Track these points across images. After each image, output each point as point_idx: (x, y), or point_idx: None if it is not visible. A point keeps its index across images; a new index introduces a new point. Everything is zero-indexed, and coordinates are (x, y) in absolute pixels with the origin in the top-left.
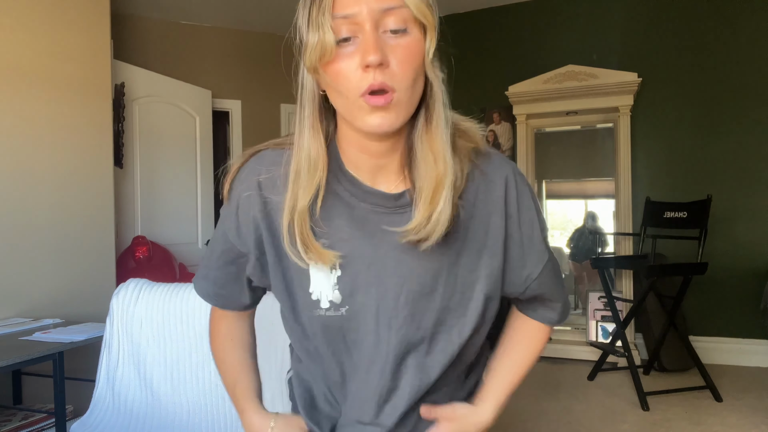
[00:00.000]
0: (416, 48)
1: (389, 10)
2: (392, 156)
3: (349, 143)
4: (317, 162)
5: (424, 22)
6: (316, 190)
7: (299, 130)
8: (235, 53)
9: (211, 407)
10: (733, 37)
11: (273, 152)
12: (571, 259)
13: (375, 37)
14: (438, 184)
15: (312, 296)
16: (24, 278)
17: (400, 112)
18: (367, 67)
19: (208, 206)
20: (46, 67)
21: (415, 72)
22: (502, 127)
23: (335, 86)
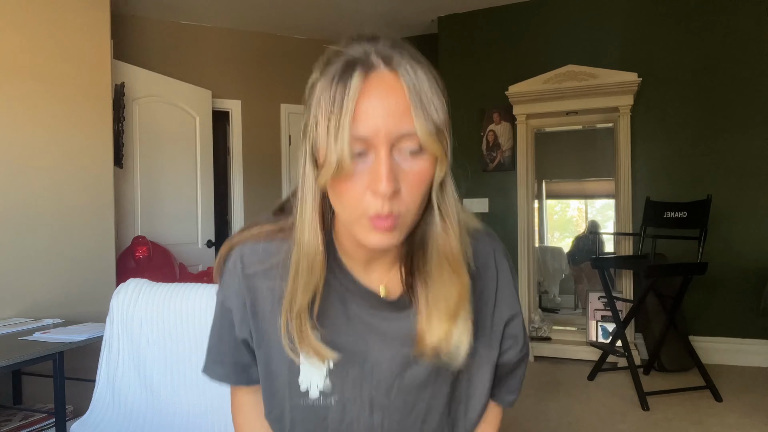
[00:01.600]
0: (427, 174)
1: (405, 136)
2: (387, 252)
3: (345, 237)
4: (315, 263)
5: (433, 153)
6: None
7: (300, 224)
8: (235, 53)
9: (211, 407)
10: (733, 37)
11: (265, 245)
12: (571, 263)
13: (389, 165)
14: (461, 297)
15: (301, 387)
16: (24, 278)
17: (402, 231)
18: (377, 193)
19: (208, 206)
20: (46, 67)
21: (423, 196)
22: (502, 127)
23: (341, 200)
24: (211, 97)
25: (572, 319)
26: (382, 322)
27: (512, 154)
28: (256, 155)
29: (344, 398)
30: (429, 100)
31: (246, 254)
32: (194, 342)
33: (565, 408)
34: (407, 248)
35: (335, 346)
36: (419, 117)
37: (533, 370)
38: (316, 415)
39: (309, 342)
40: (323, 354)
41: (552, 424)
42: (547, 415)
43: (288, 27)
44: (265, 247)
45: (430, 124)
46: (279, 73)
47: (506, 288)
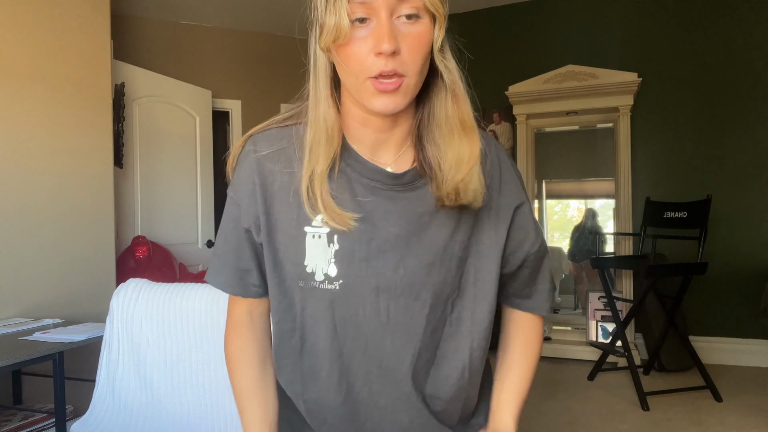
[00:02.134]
0: (426, 37)
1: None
2: (393, 131)
3: (351, 117)
4: (334, 130)
5: (434, 13)
6: (333, 158)
7: (315, 101)
8: (235, 53)
9: (211, 407)
10: (733, 37)
11: (277, 130)
12: (570, 260)
13: (389, 25)
14: (471, 155)
15: (307, 269)
16: (24, 278)
17: (407, 95)
18: (380, 54)
19: (208, 206)
20: (46, 67)
21: (423, 59)
22: (502, 127)
23: (346, 66)
24: (211, 97)
25: (572, 319)
26: (389, 201)
27: (512, 154)
28: None
29: (349, 282)
30: None
31: (259, 140)
32: (194, 342)
33: (565, 408)
34: (415, 123)
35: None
36: None
37: None
38: (323, 298)
39: (330, 206)
40: (345, 219)
41: (552, 424)
42: (547, 415)
43: (288, 27)
44: (277, 132)
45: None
46: (279, 73)
47: (510, 178)
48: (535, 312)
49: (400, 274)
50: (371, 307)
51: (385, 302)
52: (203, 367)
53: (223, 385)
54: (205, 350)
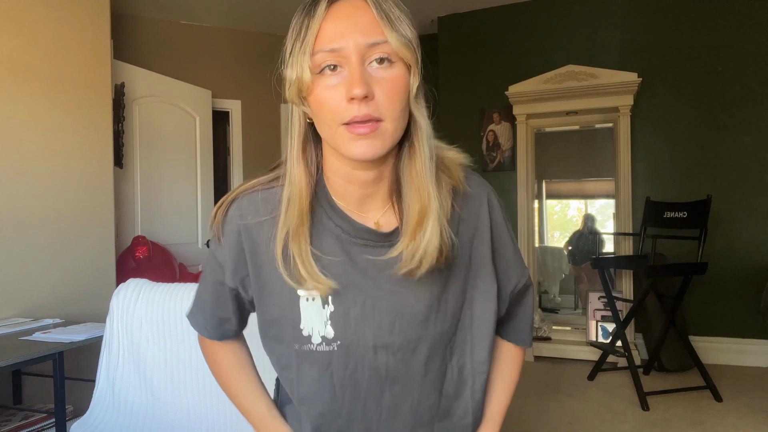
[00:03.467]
0: (401, 81)
1: (375, 45)
2: (378, 185)
3: (335, 173)
4: (302, 186)
5: (406, 61)
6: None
7: (290, 159)
8: (235, 53)
9: (211, 407)
10: (733, 37)
11: (263, 193)
12: (571, 263)
13: (361, 71)
14: (421, 216)
15: (303, 332)
16: (24, 278)
17: (386, 140)
18: (352, 99)
19: (208, 206)
20: (46, 67)
21: (400, 104)
22: (502, 127)
23: (319, 116)
24: (211, 97)
25: (572, 319)
26: (379, 259)
27: (512, 154)
28: (256, 155)
29: (346, 342)
30: (397, 17)
31: (244, 205)
32: (194, 342)
33: (565, 408)
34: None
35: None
36: (389, 27)
37: (533, 370)
38: (321, 360)
39: (310, 268)
40: (324, 284)
41: (552, 424)
42: (547, 415)
43: (288, 27)
44: (263, 196)
45: (400, 34)
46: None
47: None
48: (518, 343)
49: (396, 330)
50: (370, 365)
51: (383, 359)
52: (203, 367)
53: None
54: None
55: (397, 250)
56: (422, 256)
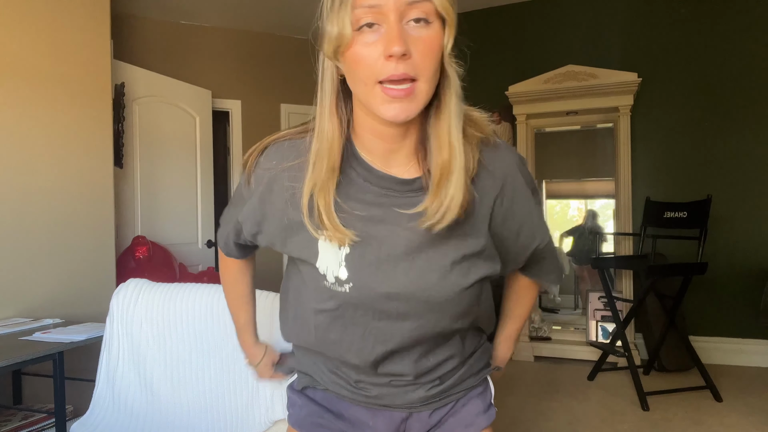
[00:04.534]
0: (437, 41)
1: (414, 3)
2: (404, 141)
3: (363, 128)
4: (333, 143)
5: (445, 17)
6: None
7: (320, 113)
8: (235, 53)
9: (211, 407)
10: (733, 37)
11: (292, 141)
12: (572, 262)
13: (399, 29)
14: (444, 170)
15: (319, 269)
16: (24, 278)
17: (419, 102)
18: (390, 57)
19: (208, 206)
20: (46, 67)
21: (435, 63)
22: (502, 127)
23: (355, 73)
24: (211, 97)
25: (572, 319)
26: (398, 207)
27: None
28: None
29: (359, 285)
30: None
31: (277, 151)
32: (194, 342)
33: (565, 408)
34: (422, 137)
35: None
36: None
37: (533, 370)
38: (333, 298)
39: (332, 220)
40: (344, 234)
41: (552, 424)
42: (547, 415)
43: (288, 27)
44: (290, 144)
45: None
46: (279, 73)
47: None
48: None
49: (411, 278)
50: (381, 309)
51: (395, 305)
52: (203, 367)
53: (223, 385)
54: (205, 350)
55: (423, 205)
56: (445, 212)
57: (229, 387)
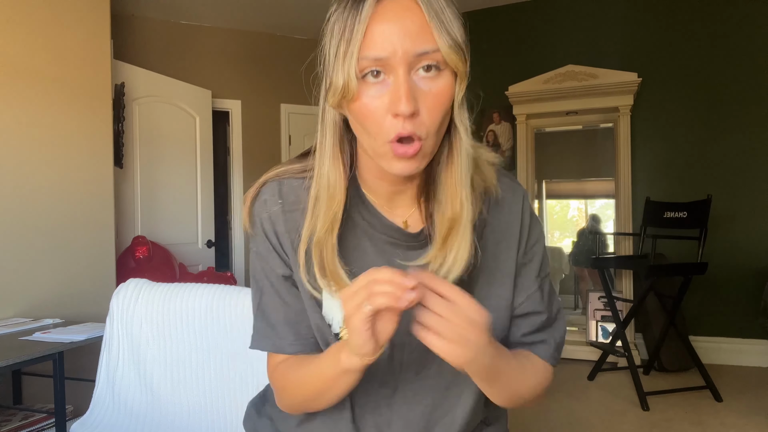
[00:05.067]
0: (447, 94)
1: (423, 55)
2: (409, 184)
3: (367, 170)
4: (335, 191)
5: (455, 70)
6: (334, 219)
7: (320, 156)
8: (235, 53)
9: (211, 407)
10: (733, 37)
11: (291, 181)
12: (573, 264)
13: (407, 86)
14: (452, 225)
15: (326, 319)
16: (24, 278)
17: (425, 157)
18: (397, 115)
19: (208, 206)
20: (46, 68)
21: (443, 118)
22: (502, 127)
23: (363, 126)
24: (211, 97)
25: (572, 319)
26: (403, 257)
27: (512, 154)
28: (256, 155)
29: None
30: (449, 19)
31: (275, 191)
32: (194, 342)
33: (565, 408)
34: (427, 179)
35: None
36: (441, 32)
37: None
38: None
39: (336, 272)
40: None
41: (552, 424)
42: (547, 415)
43: (288, 27)
44: (290, 183)
45: (451, 39)
46: (279, 73)
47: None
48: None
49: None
50: (386, 360)
51: (399, 356)
52: (203, 367)
53: (223, 385)
54: (205, 350)
55: (426, 258)
56: (450, 267)
57: (229, 387)
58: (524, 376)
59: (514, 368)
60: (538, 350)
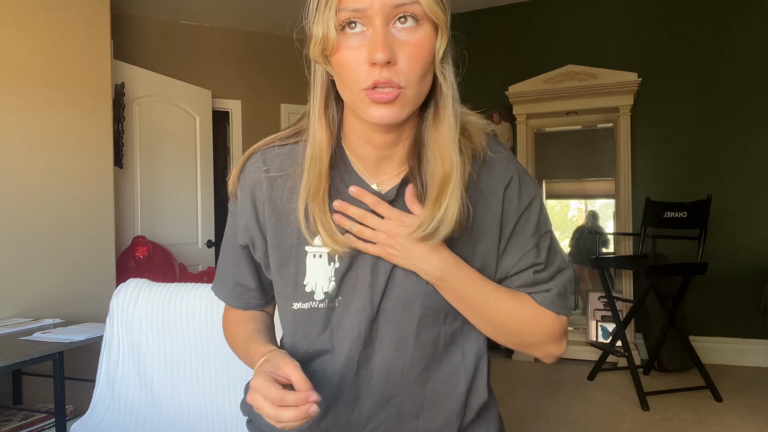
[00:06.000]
0: (426, 45)
1: (401, 6)
2: (395, 147)
3: (353, 133)
4: (322, 147)
5: (435, 21)
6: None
7: (311, 117)
8: (235, 53)
9: (211, 407)
10: (733, 37)
11: (279, 149)
12: (572, 261)
13: (384, 34)
14: (444, 182)
15: (306, 288)
16: (24, 278)
17: (405, 106)
18: (374, 64)
19: (208, 206)
20: (46, 68)
21: (423, 69)
22: (502, 127)
23: (341, 77)
24: (211, 97)
25: (572, 319)
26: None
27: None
28: None
29: (347, 300)
30: None
31: (260, 159)
32: (194, 342)
33: (565, 408)
34: (414, 143)
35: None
36: None
37: (533, 370)
38: (319, 317)
39: (329, 227)
40: (341, 243)
41: (552, 424)
42: (547, 415)
43: (288, 27)
44: (279, 150)
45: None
46: (279, 73)
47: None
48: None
49: (397, 294)
50: (365, 328)
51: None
52: (203, 367)
53: (223, 385)
54: (205, 350)
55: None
56: (439, 223)
57: (229, 387)
58: (505, 305)
59: (489, 291)
60: (536, 297)
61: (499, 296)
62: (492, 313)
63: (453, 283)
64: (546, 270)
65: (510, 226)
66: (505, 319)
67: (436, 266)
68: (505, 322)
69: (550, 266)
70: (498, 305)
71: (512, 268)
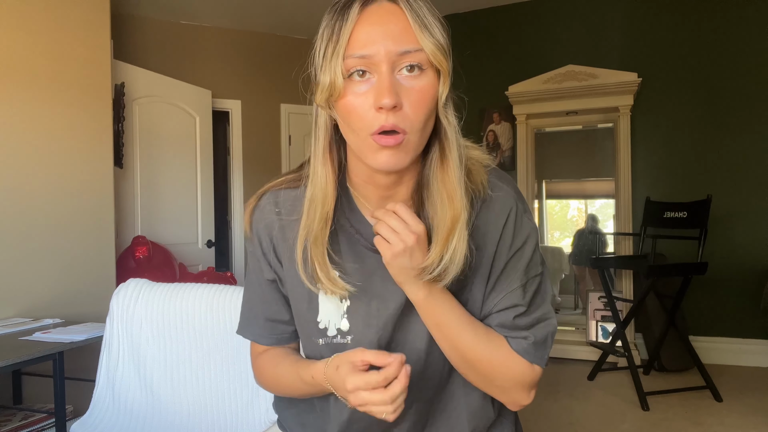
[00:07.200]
0: (430, 91)
1: (406, 54)
2: (399, 188)
3: (357, 175)
4: (327, 190)
5: (438, 67)
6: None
7: (314, 159)
8: (235, 53)
9: (211, 407)
10: (733, 37)
11: (288, 191)
12: (572, 263)
13: (390, 80)
14: (453, 224)
15: (319, 325)
16: (24, 278)
17: (409, 152)
18: (381, 109)
19: (208, 206)
20: (46, 68)
21: (426, 115)
22: (502, 127)
23: (347, 122)
24: (211, 97)
25: (572, 319)
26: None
27: (512, 154)
28: (256, 155)
29: (358, 336)
30: (431, 22)
31: (274, 200)
32: (194, 342)
33: (565, 408)
34: (417, 186)
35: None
36: (424, 33)
37: None
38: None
39: (327, 271)
40: (339, 287)
41: (552, 424)
42: (547, 415)
43: (288, 27)
44: (286, 195)
45: (434, 39)
46: (279, 73)
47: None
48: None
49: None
50: None
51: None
52: (203, 367)
53: (223, 385)
54: (205, 350)
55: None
56: (447, 265)
57: (229, 387)
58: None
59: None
60: (512, 342)
61: (475, 331)
62: (465, 347)
63: (433, 306)
64: (527, 315)
65: (501, 263)
66: (476, 356)
67: (421, 286)
68: (475, 359)
69: (532, 312)
70: (472, 340)
71: (495, 306)
